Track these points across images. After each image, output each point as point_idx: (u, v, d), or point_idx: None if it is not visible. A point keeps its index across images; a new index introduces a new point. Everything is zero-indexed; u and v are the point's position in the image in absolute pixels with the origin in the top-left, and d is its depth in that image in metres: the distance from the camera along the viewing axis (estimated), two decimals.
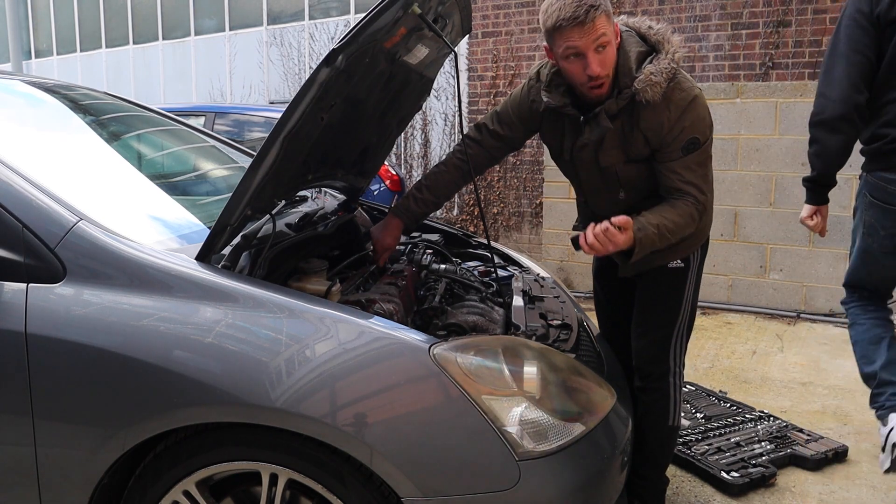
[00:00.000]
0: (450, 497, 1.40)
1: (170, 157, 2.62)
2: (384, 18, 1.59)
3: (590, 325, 2.31)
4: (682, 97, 1.87)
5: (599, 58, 1.80)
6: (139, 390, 1.46)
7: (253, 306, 1.49)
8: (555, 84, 1.97)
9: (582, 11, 1.74)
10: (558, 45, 1.82)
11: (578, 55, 1.80)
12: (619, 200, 2.05)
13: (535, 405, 1.49)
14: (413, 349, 1.46)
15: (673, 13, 6.15)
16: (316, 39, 8.50)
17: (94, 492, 1.52)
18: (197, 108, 6.04)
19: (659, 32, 1.89)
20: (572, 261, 5.54)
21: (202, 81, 9.63)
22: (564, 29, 1.77)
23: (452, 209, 7.63)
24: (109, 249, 1.54)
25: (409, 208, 2.20)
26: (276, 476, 1.49)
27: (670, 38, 1.88)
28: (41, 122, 2.25)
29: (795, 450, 2.68)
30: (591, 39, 1.77)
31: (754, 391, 3.40)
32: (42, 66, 11.53)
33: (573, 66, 1.83)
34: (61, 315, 1.51)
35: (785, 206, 4.73)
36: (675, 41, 1.88)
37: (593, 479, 1.54)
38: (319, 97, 1.58)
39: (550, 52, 1.89)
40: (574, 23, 1.75)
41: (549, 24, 1.80)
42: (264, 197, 1.72)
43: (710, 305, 4.93)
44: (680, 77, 1.87)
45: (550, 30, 1.81)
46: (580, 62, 1.81)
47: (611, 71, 1.84)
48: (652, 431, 2.11)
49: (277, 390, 1.41)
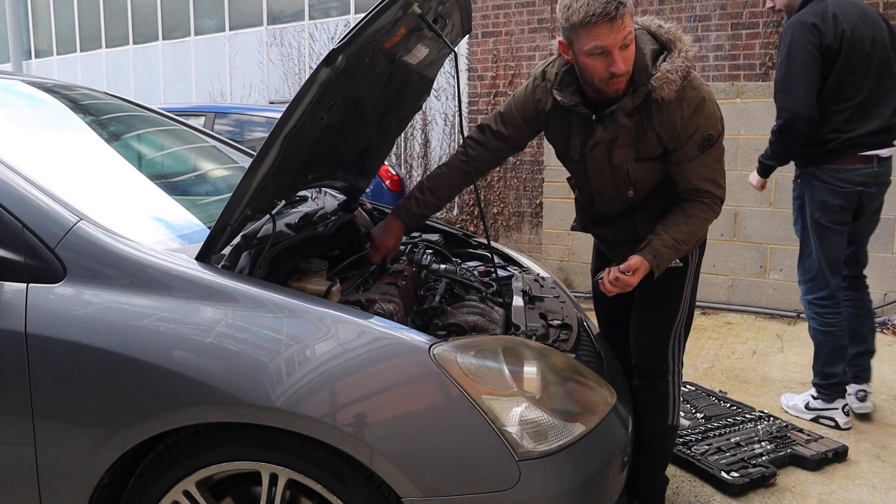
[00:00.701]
0: (450, 497, 1.40)
1: (170, 157, 2.62)
2: (384, 18, 1.59)
3: (590, 325, 2.31)
4: (694, 95, 1.87)
5: (623, 55, 1.78)
6: (139, 390, 1.46)
7: (253, 306, 1.49)
8: (566, 83, 1.95)
9: (612, 7, 1.71)
10: (583, 41, 1.78)
11: (604, 53, 1.78)
12: (626, 198, 2.05)
13: (535, 405, 1.50)
14: (413, 349, 1.46)
15: (673, 13, 6.14)
16: (316, 39, 8.50)
17: (94, 492, 1.52)
18: (197, 108, 6.04)
19: (670, 31, 1.89)
20: (572, 261, 5.55)
21: (202, 81, 9.63)
22: (593, 25, 1.74)
23: (452, 209, 7.63)
24: (109, 249, 1.54)
25: (410, 209, 2.19)
26: (276, 476, 1.49)
27: (681, 37, 1.88)
28: (41, 123, 2.25)
29: (795, 450, 2.68)
30: (619, 37, 1.75)
31: (754, 391, 3.40)
32: (42, 66, 11.53)
33: (596, 63, 1.80)
34: (61, 315, 1.51)
35: (785, 206, 4.73)
36: (686, 40, 1.88)
37: (593, 479, 1.55)
38: (319, 97, 1.58)
39: (567, 48, 1.86)
40: (605, 19, 1.72)
41: (576, 19, 1.75)
42: (264, 197, 1.72)
43: (710, 305, 4.93)
44: (691, 76, 1.87)
45: (576, 25, 1.77)
46: (604, 59, 1.79)
47: (631, 67, 1.83)
48: (651, 430, 2.11)
49: (277, 390, 1.41)
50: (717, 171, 1.97)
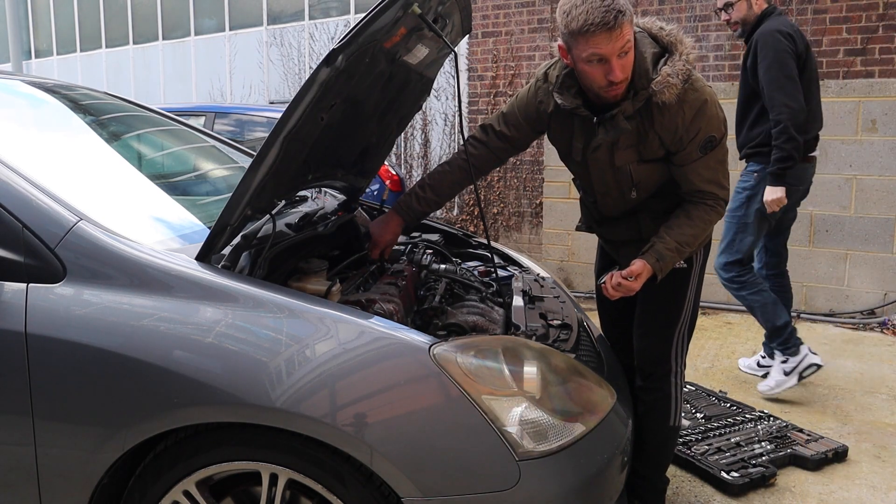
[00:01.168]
0: (450, 497, 1.40)
1: (170, 157, 2.62)
2: (384, 18, 1.59)
3: (590, 325, 2.31)
4: (696, 98, 1.86)
5: (622, 63, 1.78)
6: (139, 390, 1.46)
7: (253, 306, 1.49)
8: (566, 86, 1.94)
9: (611, 17, 1.70)
10: (581, 49, 1.78)
11: (602, 60, 1.77)
12: (629, 199, 2.05)
13: (535, 405, 1.49)
14: (413, 349, 1.46)
15: (673, 13, 6.14)
16: (316, 39, 8.50)
17: (94, 492, 1.52)
18: (197, 108, 6.04)
19: (671, 34, 1.88)
20: (572, 261, 5.54)
21: (202, 81, 9.63)
22: (591, 34, 1.73)
23: (452, 209, 7.63)
24: (109, 249, 1.54)
25: (410, 206, 2.19)
26: (276, 476, 1.49)
27: (682, 39, 1.87)
28: (41, 123, 2.25)
29: (795, 450, 2.68)
30: (617, 46, 1.74)
31: (754, 391, 3.40)
32: (42, 66, 11.53)
33: (594, 70, 1.80)
34: (61, 315, 1.51)
35: None
36: (687, 42, 1.87)
37: (593, 479, 1.54)
38: (319, 97, 1.57)
39: (567, 52, 1.85)
40: (603, 28, 1.71)
41: (574, 26, 1.75)
42: (264, 197, 1.72)
43: (711, 305, 4.93)
44: (693, 78, 1.87)
45: (575, 32, 1.76)
46: (602, 67, 1.78)
47: (629, 74, 1.83)
48: (652, 432, 2.11)
49: (277, 390, 1.41)
50: (719, 172, 1.97)
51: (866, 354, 3.95)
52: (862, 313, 4.60)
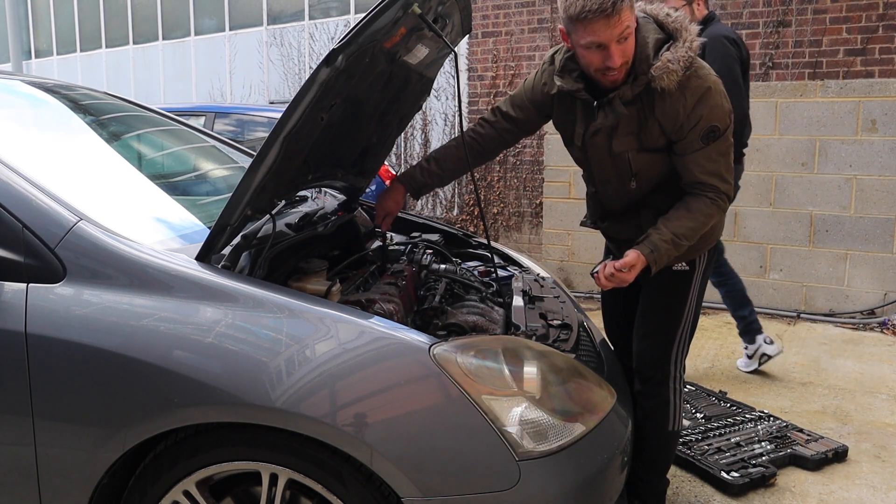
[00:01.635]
0: (450, 497, 1.40)
1: (170, 157, 2.62)
2: (384, 18, 1.59)
3: (590, 325, 2.30)
4: (699, 84, 1.84)
5: (621, 48, 1.77)
6: (139, 390, 1.46)
7: (253, 306, 1.49)
8: (568, 69, 1.94)
9: (609, 4, 1.70)
10: (580, 35, 1.78)
11: (601, 46, 1.77)
12: (630, 191, 2.02)
13: (535, 405, 1.49)
14: (413, 349, 1.46)
15: None
16: (316, 39, 8.50)
17: (94, 492, 1.52)
18: (197, 108, 6.04)
19: (677, 20, 1.86)
20: (572, 261, 5.54)
21: (202, 81, 9.63)
22: (589, 21, 1.73)
23: (452, 209, 7.64)
24: (109, 249, 1.54)
25: (413, 176, 2.21)
26: (276, 476, 1.49)
27: (688, 27, 1.85)
28: (41, 123, 2.25)
29: (795, 450, 2.68)
30: (616, 32, 1.74)
31: (754, 391, 3.40)
32: (42, 66, 11.53)
33: (592, 55, 1.80)
34: (61, 315, 1.51)
35: (785, 206, 4.73)
36: (692, 29, 1.85)
37: (593, 479, 1.54)
38: (319, 97, 1.57)
39: (567, 36, 1.85)
40: (601, 15, 1.71)
41: (573, 12, 1.74)
42: (264, 197, 1.72)
43: (711, 305, 4.92)
44: (696, 65, 1.85)
45: (573, 18, 1.75)
46: (601, 53, 1.78)
47: (630, 59, 1.82)
48: (652, 436, 2.10)
49: (277, 390, 1.41)
50: (722, 165, 1.93)
51: (866, 354, 3.95)
52: (862, 313, 4.60)
